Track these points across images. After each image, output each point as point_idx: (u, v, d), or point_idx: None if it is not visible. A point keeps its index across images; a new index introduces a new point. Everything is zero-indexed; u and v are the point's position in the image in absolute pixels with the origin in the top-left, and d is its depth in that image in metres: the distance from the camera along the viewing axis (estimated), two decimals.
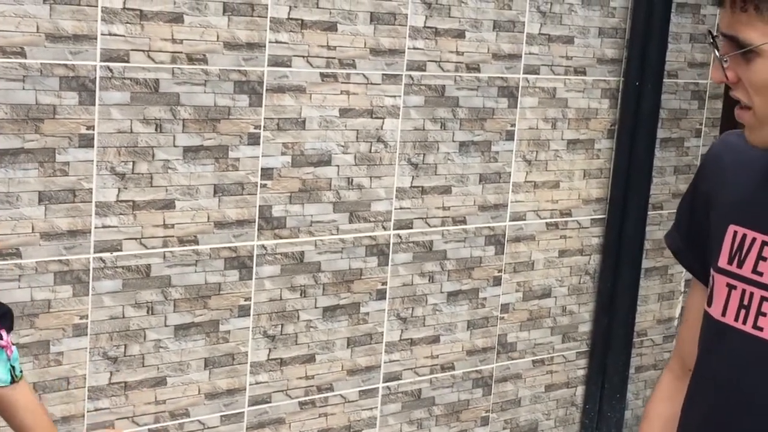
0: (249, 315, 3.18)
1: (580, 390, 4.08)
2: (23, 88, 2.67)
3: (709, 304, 1.54)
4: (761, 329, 1.46)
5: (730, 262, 1.50)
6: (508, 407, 3.88)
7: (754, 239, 1.47)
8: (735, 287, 1.49)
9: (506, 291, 3.77)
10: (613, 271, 3.99)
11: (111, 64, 2.79)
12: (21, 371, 1.96)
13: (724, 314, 1.50)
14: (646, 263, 4.13)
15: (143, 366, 3.01)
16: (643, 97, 3.86)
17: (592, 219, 3.94)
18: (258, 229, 3.14)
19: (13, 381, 1.93)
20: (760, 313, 1.46)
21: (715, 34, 1.45)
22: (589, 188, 3.90)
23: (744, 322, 1.48)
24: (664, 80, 3.94)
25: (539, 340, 3.91)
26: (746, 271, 1.48)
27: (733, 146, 1.57)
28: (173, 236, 2.99)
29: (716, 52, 1.44)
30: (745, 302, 1.48)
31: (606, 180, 3.93)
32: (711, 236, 1.56)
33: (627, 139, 3.89)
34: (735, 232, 1.50)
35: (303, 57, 3.12)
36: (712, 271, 1.54)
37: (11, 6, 2.61)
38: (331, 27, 3.15)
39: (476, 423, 3.79)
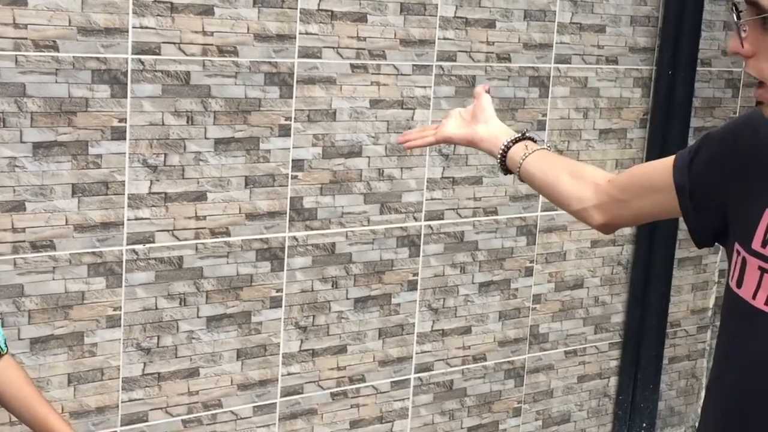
0: (281, 306, 3.19)
1: (613, 381, 4.06)
2: (56, 82, 2.69)
3: (739, 285, 1.52)
4: None
5: (764, 245, 1.48)
6: (540, 398, 3.87)
7: None
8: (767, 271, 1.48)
9: (538, 282, 3.75)
10: (646, 262, 3.97)
11: (142, 57, 2.80)
12: (6, 345, 1.94)
13: (754, 297, 1.49)
14: (679, 253, 4.09)
15: (176, 357, 3.03)
16: (676, 86, 3.83)
17: None
18: (289, 221, 3.15)
19: None
20: None
21: (738, 1, 1.43)
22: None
23: None
24: (697, 69, 3.90)
25: (571, 331, 3.89)
26: None
27: (764, 125, 1.54)
28: (205, 228, 3.00)
29: (735, 17, 1.42)
30: None
31: None
32: (734, 211, 1.54)
33: (660, 128, 3.85)
34: None
35: (333, 48, 3.12)
36: (742, 250, 1.52)
37: (43, 0, 2.63)
38: (361, 18, 3.15)
39: (508, 414, 3.79)
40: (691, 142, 3.97)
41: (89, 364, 2.89)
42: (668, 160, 1.68)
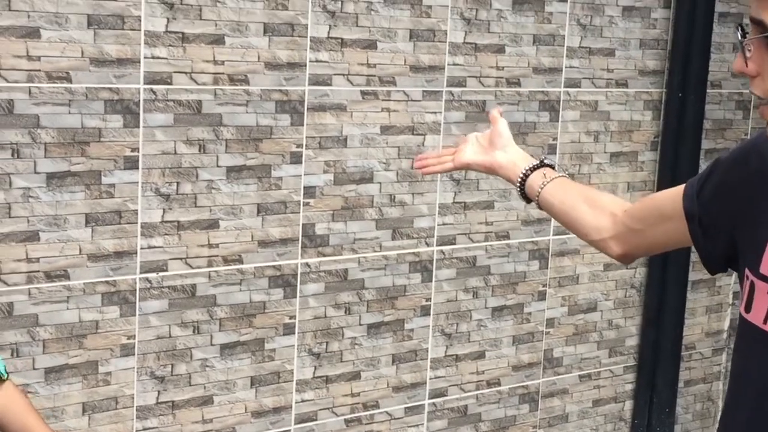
0: (294, 333, 3.19)
1: (628, 405, 4.04)
2: (69, 112, 2.72)
3: (748, 309, 1.52)
4: None
5: None
6: (555, 423, 3.85)
7: None
8: None
9: (551, 305, 3.75)
10: (660, 284, 3.96)
11: (154, 87, 2.82)
12: (6, 371, 1.94)
13: (765, 322, 1.49)
14: (692, 275, 4.08)
15: (190, 385, 3.04)
16: (686, 108, 3.84)
17: None
18: (301, 248, 3.16)
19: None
20: None
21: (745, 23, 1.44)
22: (634, 201, 3.87)
23: None
24: (707, 90, 3.91)
25: (585, 355, 3.88)
26: None
27: None
28: (218, 256, 3.01)
29: (739, 36, 1.42)
30: None
31: (650, 193, 3.90)
32: (748, 235, 1.54)
33: (671, 151, 3.86)
34: None
35: (343, 75, 3.13)
36: (750, 275, 1.52)
37: (57, 32, 2.66)
38: (370, 45, 3.17)
39: None
40: (702, 163, 3.97)
41: (104, 393, 2.90)
42: (679, 188, 1.68)
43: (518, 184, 1.92)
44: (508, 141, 1.96)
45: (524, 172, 1.90)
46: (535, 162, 1.91)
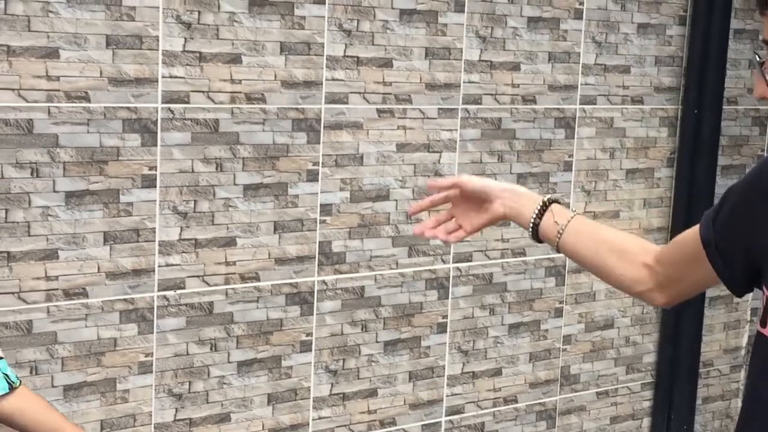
0: (311, 350, 3.20)
1: (646, 422, 4.03)
2: (88, 132, 2.74)
3: (764, 324, 1.52)
4: None
5: None
6: None
7: None
8: None
9: (568, 322, 3.74)
10: None
11: (172, 106, 2.85)
12: (17, 378, 2.00)
13: None
14: (710, 292, 4.07)
15: (207, 402, 3.05)
16: (702, 125, 3.83)
17: None
18: (318, 265, 3.17)
19: (11, 388, 1.96)
20: None
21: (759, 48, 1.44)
22: (650, 217, 3.87)
23: None
24: (723, 107, 3.90)
25: (603, 372, 3.87)
26: None
27: None
28: (235, 273, 3.03)
29: (757, 60, 1.42)
30: None
31: (667, 209, 3.90)
32: (762, 254, 1.54)
33: (687, 167, 3.85)
34: None
35: (359, 93, 3.15)
36: (766, 290, 1.52)
37: (75, 52, 2.69)
38: (386, 63, 3.18)
39: None
40: (719, 179, 3.96)
41: (122, 410, 2.91)
42: (697, 226, 1.68)
43: (530, 233, 1.85)
44: (487, 188, 1.87)
45: (533, 221, 1.83)
46: (539, 204, 1.84)
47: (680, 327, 3.96)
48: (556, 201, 1.86)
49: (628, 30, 3.68)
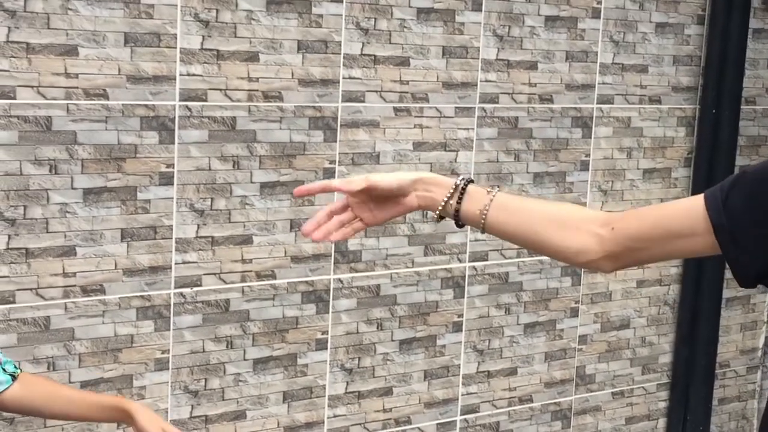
0: (326, 348, 3.20)
1: (661, 422, 4.02)
2: (106, 129, 2.75)
3: None
4: None
5: None
6: None
7: None
8: None
9: (584, 322, 3.73)
10: (693, 301, 3.93)
11: (189, 104, 2.85)
12: (16, 366, 2.04)
13: None
14: (726, 293, 4.05)
15: (223, 399, 3.05)
16: (720, 125, 3.82)
17: None
18: (334, 263, 3.17)
19: (13, 379, 2.01)
20: None
21: None
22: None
23: None
24: (741, 107, 3.89)
25: (618, 372, 3.86)
26: None
27: None
28: (251, 271, 3.03)
29: None
30: None
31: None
32: None
33: (705, 167, 3.84)
34: None
35: (376, 92, 3.15)
36: None
37: (94, 50, 2.70)
38: (403, 62, 3.18)
39: None
40: None
41: None
42: (691, 201, 1.63)
43: (437, 220, 1.73)
44: (401, 183, 1.73)
45: (442, 205, 1.70)
46: (451, 188, 1.71)
47: (696, 328, 3.94)
48: (471, 181, 1.73)
49: (646, 29, 3.67)
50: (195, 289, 2.95)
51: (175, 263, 2.91)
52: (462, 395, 3.50)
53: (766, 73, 3.98)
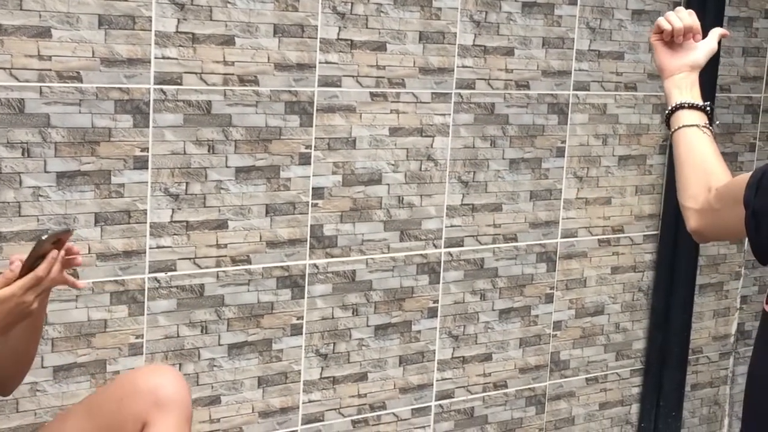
0: (301, 334, 3.20)
1: (635, 408, 4.04)
2: (79, 112, 2.73)
3: None
4: None
5: None
6: (561, 425, 3.85)
7: None
8: None
9: (558, 308, 3.75)
10: (667, 288, 3.95)
11: (164, 87, 2.83)
12: None
13: None
14: (700, 279, 4.08)
15: (197, 385, 3.04)
16: None
17: (644, 235, 3.91)
18: (309, 249, 3.16)
19: None
20: None
21: None
22: (642, 204, 3.87)
23: None
24: (716, 94, 3.90)
25: (592, 358, 3.88)
26: None
27: None
28: (226, 256, 3.02)
29: None
30: None
31: (658, 196, 3.90)
32: None
33: None
34: None
35: (353, 77, 3.14)
36: None
37: (68, 32, 2.67)
38: (380, 47, 3.17)
39: None
40: None
41: None
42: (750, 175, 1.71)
43: (670, 108, 1.94)
44: (698, 61, 1.98)
45: (682, 103, 1.93)
46: (700, 103, 1.92)
47: (670, 314, 3.97)
48: (710, 115, 1.96)
49: (623, 16, 3.67)
50: (169, 273, 2.93)
51: (150, 248, 2.89)
52: (437, 381, 3.51)
53: (740, 61, 4.00)
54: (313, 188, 3.13)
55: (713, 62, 3.86)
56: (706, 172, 1.83)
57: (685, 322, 4.02)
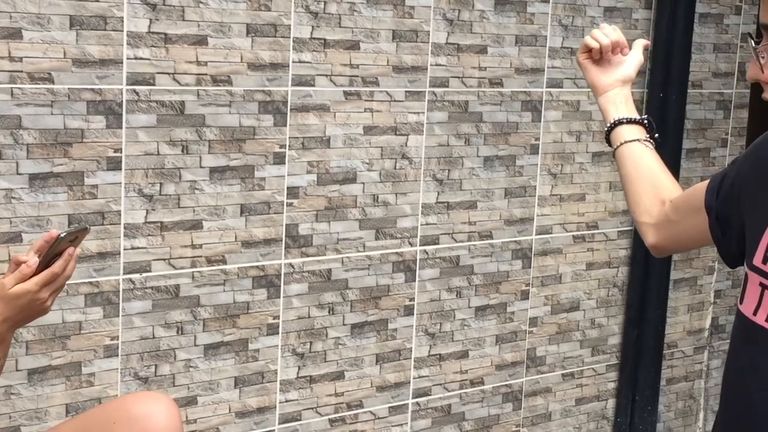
0: (278, 333, 3.20)
1: (611, 403, 4.07)
2: (51, 113, 2.71)
3: (741, 301, 1.54)
4: None
5: (764, 262, 1.50)
6: (538, 421, 3.87)
7: None
8: None
9: (534, 305, 3.76)
10: (642, 283, 3.98)
11: (137, 88, 2.82)
12: None
13: (755, 314, 1.51)
14: (674, 274, 4.11)
15: (174, 386, 3.04)
16: (667, 108, 3.86)
17: (619, 231, 3.93)
18: (285, 248, 3.16)
19: None
20: None
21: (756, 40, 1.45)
22: (616, 200, 3.89)
23: None
24: (688, 90, 3.93)
25: (568, 354, 3.90)
26: None
27: None
28: (201, 256, 3.01)
29: (752, 44, 1.42)
30: None
31: None
32: (747, 230, 1.56)
33: None
34: None
35: (326, 76, 3.14)
36: (746, 267, 1.55)
37: (39, 33, 2.66)
38: (353, 45, 3.18)
39: None
40: (683, 163, 4.00)
41: (87, 394, 2.89)
42: (708, 182, 1.71)
43: (609, 125, 1.92)
44: (628, 76, 1.97)
45: (620, 119, 1.91)
46: (637, 117, 1.92)
47: (645, 309, 3.99)
48: (649, 130, 1.93)
49: (595, 13, 3.69)
50: (144, 274, 2.92)
51: (124, 249, 2.88)
52: (414, 378, 3.52)
53: (712, 57, 4.03)
54: (287, 188, 3.13)
55: (684, 58, 3.90)
56: (656, 186, 1.82)
57: (660, 317, 4.05)
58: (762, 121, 3.96)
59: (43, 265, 1.97)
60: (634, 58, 1.97)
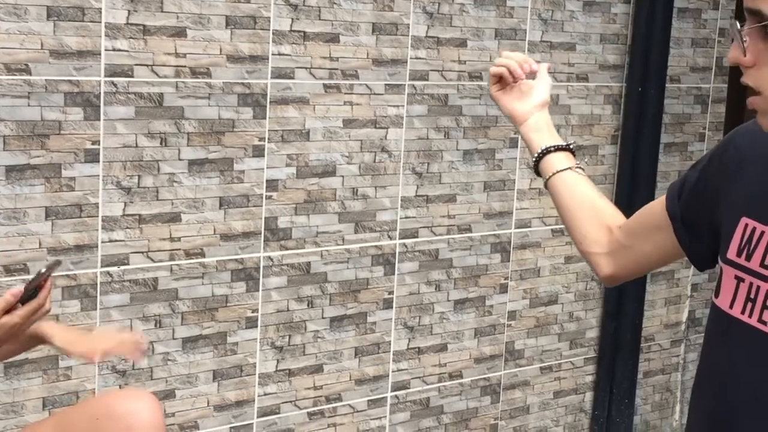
0: (256, 326, 3.19)
1: (588, 396, 4.08)
2: (28, 105, 2.69)
3: (717, 295, 1.55)
4: (766, 323, 1.46)
5: (738, 255, 1.51)
6: (516, 414, 3.88)
7: (763, 233, 1.48)
8: (743, 280, 1.50)
9: (513, 298, 3.77)
10: None
11: (115, 79, 2.80)
12: None
13: (731, 307, 1.51)
14: None
15: (152, 379, 3.02)
16: (646, 103, 3.87)
17: None
18: (264, 241, 3.15)
19: None
20: (765, 306, 1.47)
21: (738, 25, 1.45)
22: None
23: (750, 315, 1.48)
24: (666, 85, 3.95)
25: (547, 347, 3.91)
26: (754, 264, 1.48)
27: (749, 138, 1.57)
28: (180, 249, 3.00)
29: (736, 26, 1.42)
30: (752, 295, 1.49)
31: (611, 186, 3.94)
32: (720, 225, 1.57)
33: (631, 144, 3.89)
34: (746, 225, 1.51)
35: (306, 69, 3.13)
36: (720, 261, 1.55)
37: (15, 23, 2.63)
38: (333, 38, 3.17)
39: (485, 431, 3.80)
40: (661, 157, 4.01)
41: (64, 387, 2.88)
42: (663, 197, 1.70)
43: (537, 155, 1.87)
44: (542, 101, 1.91)
45: (548, 147, 1.86)
46: (563, 144, 1.87)
47: (622, 302, 4.01)
48: (574, 153, 1.87)
49: (574, 8, 3.70)
50: (122, 267, 2.91)
51: (102, 242, 2.86)
52: (392, 372, 3.52)
53: (690, 51, 4.04)
54: (267, 180, 3.12)
55: (662, 53, 3.92)
56: (598, 214, 1.80)
57: (637, 310, 4.07)
58: (739, 116, 3.99)
59: (26, 298, 2.04)
60: (543, 82, 1.94)
